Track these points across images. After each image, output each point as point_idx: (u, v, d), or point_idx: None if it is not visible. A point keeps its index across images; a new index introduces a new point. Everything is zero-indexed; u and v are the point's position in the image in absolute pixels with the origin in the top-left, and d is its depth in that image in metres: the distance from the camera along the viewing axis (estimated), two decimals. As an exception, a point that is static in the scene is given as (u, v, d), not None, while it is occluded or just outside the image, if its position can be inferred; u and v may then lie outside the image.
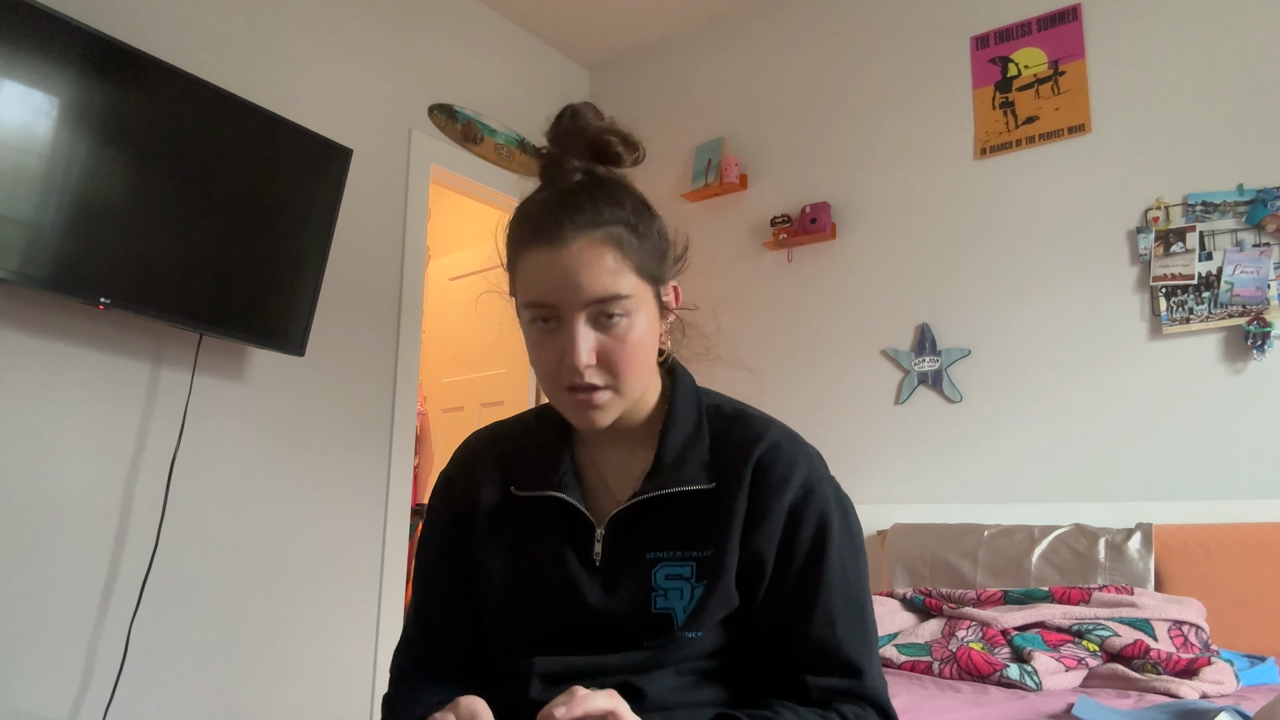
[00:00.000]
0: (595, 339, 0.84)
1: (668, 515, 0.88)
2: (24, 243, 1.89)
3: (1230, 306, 2.34)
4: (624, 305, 0.84)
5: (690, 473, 0.89)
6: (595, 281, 0.82)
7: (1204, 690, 1.63)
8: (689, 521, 0.88)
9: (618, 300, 0.83)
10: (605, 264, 0.83)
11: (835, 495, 0.91)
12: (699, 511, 0.88)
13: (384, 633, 2.78)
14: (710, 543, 0.86)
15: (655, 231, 0.89)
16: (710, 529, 0.87)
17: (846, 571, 0.88)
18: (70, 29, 1.96)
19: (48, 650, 2.03)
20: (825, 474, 0.92)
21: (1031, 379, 2.62)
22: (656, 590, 0.86)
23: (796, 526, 0.87)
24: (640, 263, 0.85)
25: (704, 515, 0.87)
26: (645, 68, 3.72)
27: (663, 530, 0.88)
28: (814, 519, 0.87)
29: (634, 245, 0.85)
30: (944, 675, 1.82)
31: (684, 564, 0.86)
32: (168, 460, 2.25)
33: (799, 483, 0.88)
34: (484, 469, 0.98)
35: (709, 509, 0.87)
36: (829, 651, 0.85)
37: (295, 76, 2.69)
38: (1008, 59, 2.79)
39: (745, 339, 3.19)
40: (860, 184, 3.04)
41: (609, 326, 0.84)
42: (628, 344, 0.85)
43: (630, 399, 0.88)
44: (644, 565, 0.87)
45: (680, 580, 0.86)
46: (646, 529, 0.88)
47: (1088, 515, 2.34)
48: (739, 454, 0.89)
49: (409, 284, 3.00)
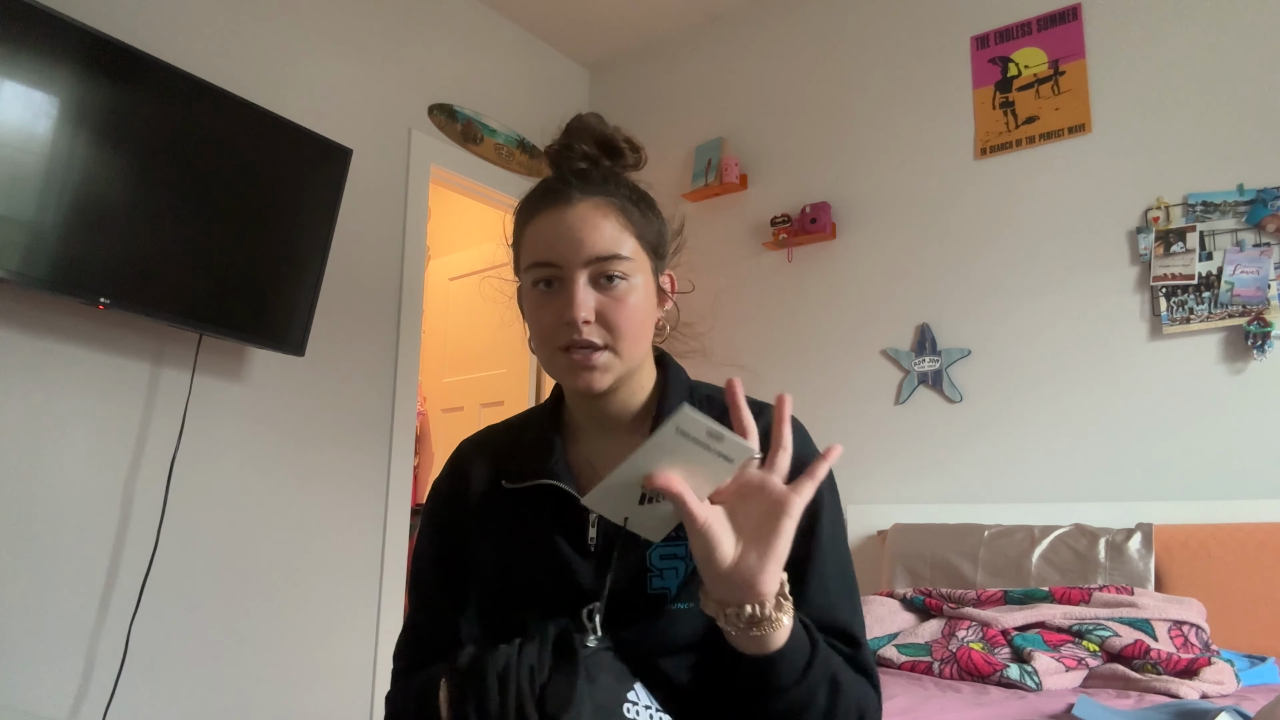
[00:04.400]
0: (595, 298, 0.87)
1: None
2: (24, 243, 1.89)
3: (1230, 306, 2.34)
4: (624, 267, 0.87)
5: None
6: (599, 239, 0.86)
7: (1204, 690, 1.63)
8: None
9: (619, 260, 0.87)
10: (609, 224, 0.88)
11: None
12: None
13: (384, 632, 2.78)
14: None
15: (656, 214, 0.94)
16: None
17: (838, 544, 0.90)
18: (70, 29, 1.96)
19: (48, 650, 2.03)
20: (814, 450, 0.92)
21: (1031, 379, 2.62)
22: (652, 570, 0.87)
23: None
24: (642, 232, 0.90)
25: None
26: (645, 68, 3.72)
27: None
28: None
29: (636, 216, 0.90)
30: (944, 675, 1.82)
31: (679, 543, 0.86)
32: (168, 460, 2.25)
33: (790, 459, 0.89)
34: (474, 468, 1.00)
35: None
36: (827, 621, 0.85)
37: (295, 76, 2.69)
38: (1008, 59, 2.79)
39: (745, 339, 3.19)
40: (860, 184, 3.04)
41: (609, 288, 0.87)
42: (626, 305, 0.87)
43: (628, 364, 0.89)
44: (639, 547, 0.87)
45: (675, 559, 0.87)
46: None
47: (1088, 515, 2.34)
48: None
49: (409, 284, 3.00)
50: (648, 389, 0.96)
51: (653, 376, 0.98)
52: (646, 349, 0.93)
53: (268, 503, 2.51)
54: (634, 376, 0.94)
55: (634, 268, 0.88)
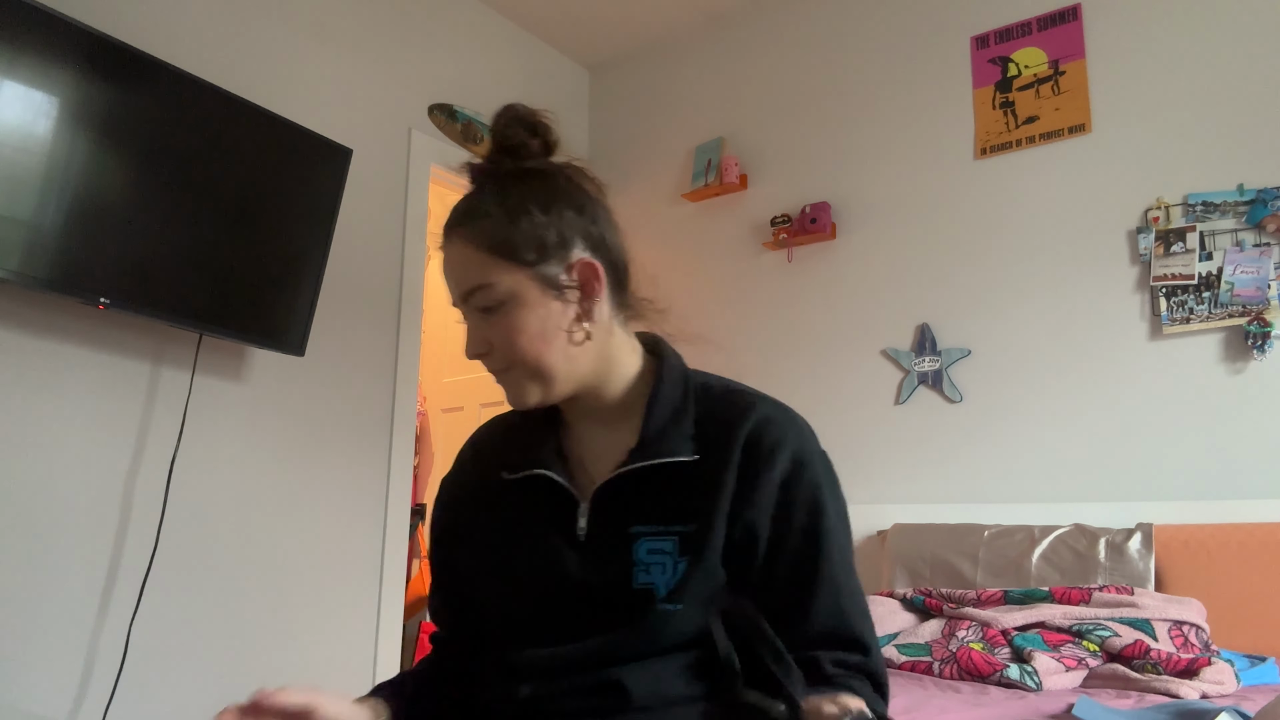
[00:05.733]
0: (482, 329, 0.90)
1: (652, 489, 0.88)
2: (24, 243, 1.89)
3: (1230, 306, 2.34)
4: (491, 295, 0.88)
5: (674, 445, 0.89)
6: (462, 276, 0.89)
7: (1204, 690, 1.63)
8: (673, 495, 0.87)
9: (482, 291, 0.88)
10: (469, 257, 0.89)
11: (825, 467, 0.91)
12: (684, 486, 0.87)
13: (384, 633, 2.77)
14: (695, 517, 0.86)
15: (541, 210, 0.89)
16: (695, 503, 0.86)
17: (844, 551, 0.88)
18: (70, 29, 1.96)
19: (48, 650, 2.03)
20: (816, 446, 0.92)
21: (1031, 379, 2.62)
22: (638, 565, 0.85)
23: (790, 500, 0.87)
24: (513, 247, 0.88)
25: (689, 489, 0.87)
26: (645, 68, 3.72)
27: (646, 504, 0.88)
28: (808, 492, 0.87)
29: (503, 233, 0.88)
30: (944, 675, 1.82)
31: (666, 538, 0.86)
32: (168, 460, 2.25)
33: (790, 455, 0.88)
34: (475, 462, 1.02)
35: (695, 483, 0.87)
36: (836, 627, 0.84)
37: (295, 76, 2.69)
38: (1008, 59, 2.79)
39: (745, 339, 3.19)
40: (860, 184, 3.04)
41: (488, 316, 0.89)
42: (504, 329, 0.88)
43: (552, 377, 0.89)
44: (626, 539, 0.86)
45: (663, 555, 0.85)
46: (630, 503, 0.88)
47: (1088, 515, 2.34)
48: (727, 429, 0.89)
49: (409, 284, 3.00)
50: (629, 378, 0.95)
51: (635, 366, 0.96)
52: (569, 354, 0.90)
53: (268, 502, 2.51)
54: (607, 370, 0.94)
55: (505, 288, 0.87)
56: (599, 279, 0.90)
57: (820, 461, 0.90)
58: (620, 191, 3.69)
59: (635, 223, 3.61)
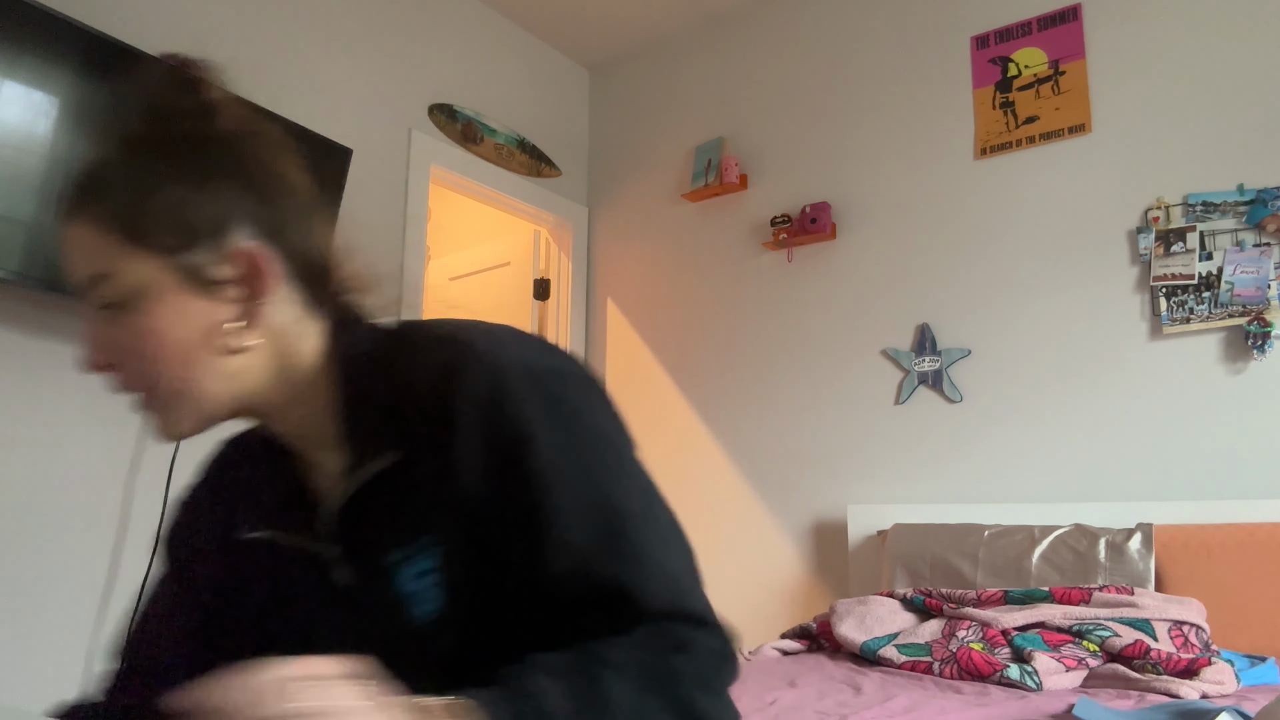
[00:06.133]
0: (105, 333, 0.69)
1: (386, 505, 0.72)
2: (24, 243, 1.89)
3: (1230, 306, 2.34)
4: (112, 289, 0.68)
5: (379, 447, 0.71)
6: (77, 264, 0.69)
7: (1204, 690, 1.63)
8: (410, 502, 0.71)
9: (101, 283, 0.68)
10: (85, 239, 0.68)
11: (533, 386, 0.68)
12: (412, 487, 0.71)
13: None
14: (436, 519, 0.70)
15: (180, 193, 0.69)
16: (431, 503, 0.70)
17: (570, 471, 0.67)
18: (70, 29, 1.96)
19: (48, 650, 2.03)
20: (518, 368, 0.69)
21: (1031, 379, 2.62)
22: (408, 599, 0.70)
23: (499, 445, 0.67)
24: (140, 234, 0.68)
25: (419, 489, 0.70)
26: (645, 68, 3.72)
27: (396, 523, 0.71)
28: (510, 431, 0.67)
29: (127, 214, 0.68)
30: (944, 675, 1.82)
31: (421, 559, 0.70)
32: (168, 460, 2.25)
33: (482, 389, 0.68)
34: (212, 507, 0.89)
35: (419, 481, 0.70)
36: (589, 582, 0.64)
37: (295, 76, 2.69)
38: (1008, 59, 2.79)
39: (745, 339, 3.19)
40: (860, 184, 3.04)
41: (110, 317, 0.69)
42: (131, 334, 0.68)
43: (198, 398, 0.70)
44: (384, 576, 0.71)
45: (425, 575, 0.70)
46: (381, 527, 0.72)
47: (1088, 515, 2.34)
48: (421, 404, 0.70)
49: (409, 284, 3.00)
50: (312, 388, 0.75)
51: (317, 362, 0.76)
52: (225, 369, 0.71)
53: (268, 503, 2.50)
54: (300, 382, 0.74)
55: (130, 281, 0.67)
56: (269, 273, 0.70)
57: (524, 382, 0.68)
58: (620, 191, 3.69)
59: (635, 223, 3.62)
